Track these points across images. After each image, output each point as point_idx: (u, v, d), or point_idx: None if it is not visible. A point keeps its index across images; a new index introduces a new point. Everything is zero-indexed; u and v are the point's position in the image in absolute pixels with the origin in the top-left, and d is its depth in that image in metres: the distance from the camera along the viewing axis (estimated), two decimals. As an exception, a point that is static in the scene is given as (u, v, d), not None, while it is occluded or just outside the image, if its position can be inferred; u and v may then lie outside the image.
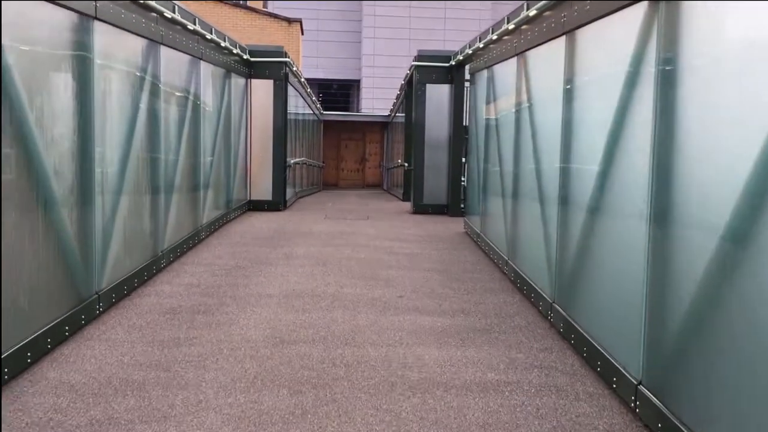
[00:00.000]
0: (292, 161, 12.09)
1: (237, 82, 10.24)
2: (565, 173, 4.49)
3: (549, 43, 4.92)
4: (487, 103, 7.76)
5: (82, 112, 4.26)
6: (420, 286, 5.83)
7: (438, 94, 11.62)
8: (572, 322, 4.18)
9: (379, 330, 4.48)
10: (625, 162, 3.47)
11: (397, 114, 19.55)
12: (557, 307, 4.56)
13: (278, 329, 4.43)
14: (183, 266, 6.35)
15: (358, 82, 33.46)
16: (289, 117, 12.35)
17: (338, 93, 34.40)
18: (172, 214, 6.47)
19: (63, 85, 4.00)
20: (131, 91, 5.27)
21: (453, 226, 9.98)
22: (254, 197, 11.45)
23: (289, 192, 12.67)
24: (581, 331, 4.00)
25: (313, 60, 31.95)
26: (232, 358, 3.86)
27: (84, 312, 4.29)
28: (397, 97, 18.14)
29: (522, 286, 5.62)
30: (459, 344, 4.24)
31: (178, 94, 6.71)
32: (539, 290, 5.06)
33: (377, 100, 31.09)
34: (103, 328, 4.35)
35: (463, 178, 11.35)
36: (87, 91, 4.33)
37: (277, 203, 11.52)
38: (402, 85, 15.79)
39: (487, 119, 7.74)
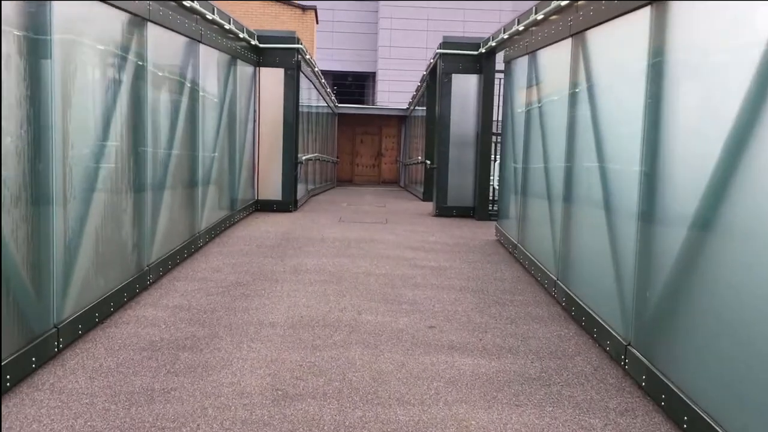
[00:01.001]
0: (303, 157, 11.20)
1: (244, 70, 9.36)
2: (651, 177, 3.54)
3: (625, 17, 3.96)
4: (528, 93, 6.80)
5: (35, 98, 3.38)
6: (453, 311, 4.91)
7: (465, 86, 10.66)
8: (663, 378, 3.23)
9: (408, 378, 3.57)
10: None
11: (416, 107, 18.60)
12: (635, 352, 3.62)
13: (281, 376, 3.53)
14: (174, 282, 5.47)
15: (373, 74, 32.58)
16: (301, 109, 11.46)
17: (353, 85, 33.55)
18: (162, 221, 5.60)
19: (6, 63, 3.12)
20: (108, 73, 4.39)
21: (482, 232, 9.03)
22: (262, 197, 10.58)
23: (301, 190, 11.79)
24: (677, 390, 3.06)
25: (327, 51, 31.12)
26: (218, 424, 2.96)
27: (35, 352, 3.42)
28: (417, 89, 17.19)
29: (578, 316, 4.68)
30: (512, 401, 3.32)
31: (171, 78, 5.82)
32: (605, 325, 4.11)
33: (393, 93, 30.20)
34: (61, 372, 3.48)
35: (492, 178, 10.39)
36: (41, 74, 3.45)
37: (287, 203, 10.64)
38: (423, 75, 14.83)
39: (528, 111, 6.78)
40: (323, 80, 15.87)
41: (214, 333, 4.20)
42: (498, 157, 10.25)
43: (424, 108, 15.04)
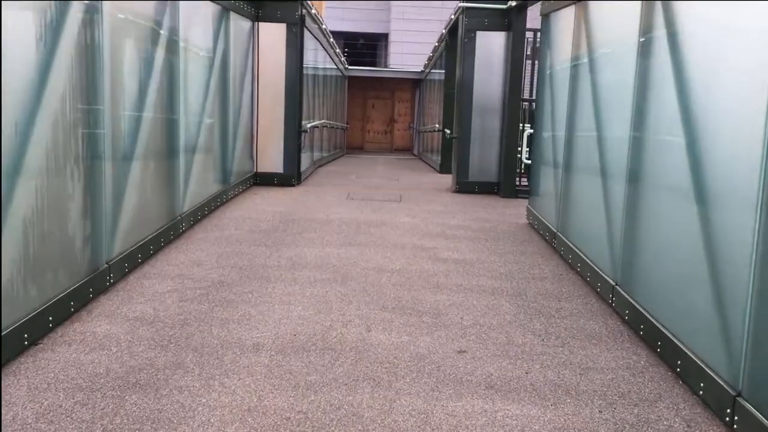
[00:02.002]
0: (308, 125, 10.14)
1: (239, 24, 8.26)
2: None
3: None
4: (576, 48, 5.69)
5: None
6: (487, 326, 3.92)
7: (490, 45, 9.51)
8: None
9: (436, 442, 2.61)
10: None
11: (432, 70, 17.41)
12: (747, 405, 2.62)
13: (259, 438, 2.58)
14: (142, 282, 4.52)
15: (386, 35, 31.17)
16: (306, 71, 10.37)
17: (365, 47, 32.20)
18: (128, 203, 4.62)
19: None
20: (39, 9, 3.36)
21: (509, 213, 8.01)
22: (262, 169, 9.58)
23: (305, 161, 10.77)
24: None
25: (337, 11, 29.72)
26: None
27: None
28: (434, 50, 15.97)
29: (651, 337, 3.67)
30: (585, 488, 2.35)
31: (139, 24, 4.78)
32: (696, 358, 3.11)
33: (407, 56, 28.83)
34: (-46, 430, 2.55)
35: (520, 150, 9.31)
36: None
37: (289, 177, 9.63)
38: (442, 34, 13.61)
39: (575, 69, 5.68)
40: (332, 39, 14.70)
41: (179, 361, 3.25)
42: (527, 126, 9.17)
43: (442, 71, 13.88)
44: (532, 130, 9.21)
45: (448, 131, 11.12)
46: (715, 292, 2.97)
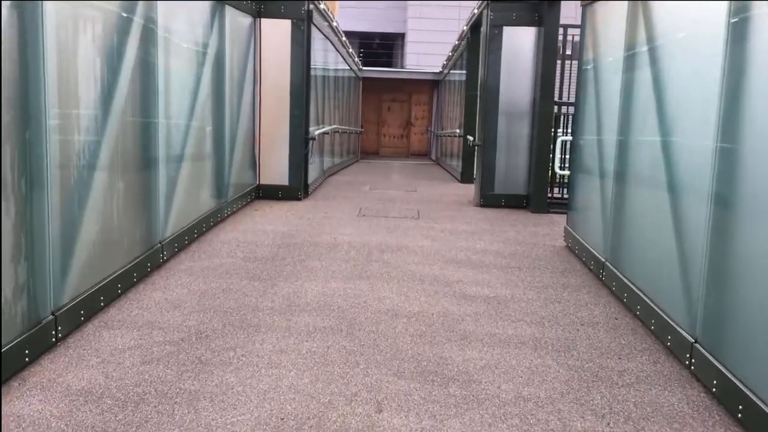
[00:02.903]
0: (316, 132, 9.33)
1: (237, 20, 7.47)
2: None
3: None
4: (631, 41, 4.79)
5: None
6: (533, 403, 3.04)
7: (519, 41, 8.62)
8: None
9: None
10: None
11: (451, 71, 16.55)
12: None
13: None
14: (100, 333, 3.70)
15: (402, 35, 30.34)
16: (314, 72, 9.56)
17: (380, 47, 31.43)
18: (86, 233, 3.81)
19: None
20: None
21: (543, 231, 7.12)
22: (265, 181, 8.77)
23: (314, 172, 9.95)
24: None
25: (352, 11, 28.97)
26: None
27: None
28: (454, 49, 15.09)
29: (759, 425, 2.77)
30: None
31: (100, 8, 3.96)
32: None
33: (423, 56, 27.98)
34: None
35: (552, 157, 8.41)
36: None
37: (295, 190, 8.81)
38: (463, 31, 12.74)
39: (629, 65, 4.77)
40: (344, 38, 13.88)
41: (121, 467, 2.41)
42: (561, 131, 8.28)
43: (463, 71, 13.01)
44: (567, 137, 8.32)
45: (470, 138, 10.24)
46: None
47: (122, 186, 4.32)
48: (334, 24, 11.78)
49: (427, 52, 27.41)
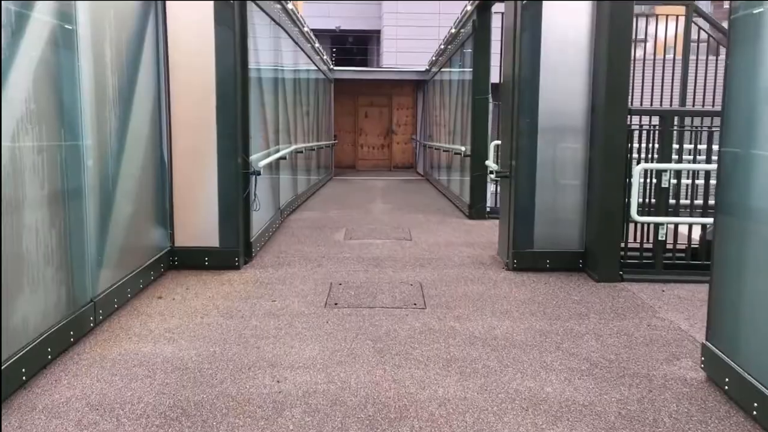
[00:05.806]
0: (261, 163, 6.37)
1: (112, -13, 4.55)
2: None
3: None
4: None
5: None
6: None
7: (564, 22, 5.83)
8: None
9: None
10: None
11: (443, 69, 13.77)
12: None
13: None
14: None
15: (378, 32, 27.60)
16: (261, 73, 6.67)
17: (354, 46, 28.78)
18: None
19: None
20: None
21: (641, 334, 4.26)
22: (183, 242, 5.85)
23: (263, 218, 7.04)
24: None
25: (321, 6, 26.24)
26: None
27: None
28: (446, 40, 12.25)
29: None
30: None
31: None
32: None
33: (402, 54, 25.27)
34: None
35: (628, 198, 5.62)
36: None
37: (230, 254, 5.88)
38: (465, 12, 9.85)
39: None
40: (306, 28, 10.97)
41: None
42: (638, 155, 5.53)
43: (463, 69, 10.20)
44: (650, 164, 5.58)
45: (492, 166, 7.40)
46: None
47: None
48: (290, 8, 8.85)
49: (405, 50, 24.78)
